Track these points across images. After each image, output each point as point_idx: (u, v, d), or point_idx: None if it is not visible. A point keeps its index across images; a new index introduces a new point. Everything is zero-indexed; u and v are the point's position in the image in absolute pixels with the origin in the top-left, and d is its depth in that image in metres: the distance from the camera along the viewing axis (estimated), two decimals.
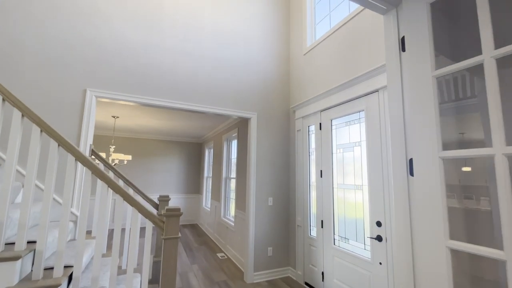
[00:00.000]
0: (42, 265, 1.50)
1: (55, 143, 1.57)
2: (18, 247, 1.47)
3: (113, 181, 1.63)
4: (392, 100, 1.06)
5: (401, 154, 1.00)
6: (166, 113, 4.26)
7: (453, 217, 0.89)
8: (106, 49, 2.57)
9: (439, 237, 0.84)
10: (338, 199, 2.55)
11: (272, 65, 3.48)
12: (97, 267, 1.54)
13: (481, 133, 0.97)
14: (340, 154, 2.56)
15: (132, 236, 1.66)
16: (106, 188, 1.62)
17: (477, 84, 1.01)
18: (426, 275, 0.86)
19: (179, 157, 6.60)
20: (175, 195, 6.43)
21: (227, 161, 4.78)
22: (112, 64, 2.59)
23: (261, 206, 3.16)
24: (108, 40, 2.59)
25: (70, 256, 1.87)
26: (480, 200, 0.98)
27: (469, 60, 0.80)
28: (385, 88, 2.10)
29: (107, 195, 1.63)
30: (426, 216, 0.89)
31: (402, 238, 0.98)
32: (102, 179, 1.60)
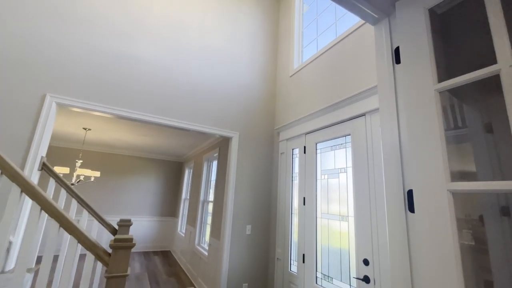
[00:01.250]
0: None
1: None
2: None
3: (48, 201, 1.32)
4: (385, 120, 0.89)
5: (397, 185, 0.81)
6: (145, 128, 3.99)
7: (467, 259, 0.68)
8: (76, 54, 2.36)
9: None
10: (321, 230, 2.31)
11: (257, 85, 3.38)
12: None
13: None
14: (325, 180, 2.37)
15: (66, 272, 1.32)
16: (38, 209, 1.31)
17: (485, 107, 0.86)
18: None
19: (156, 176, 6.19)
20: (148, 218, 5.91)
21: (206, 182, 4.47)
22: (83, 72, 2.36)
23: (238, 234, 2.85)
24: (81, 46, 2.39)
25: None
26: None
27: (482, 70, 0.65)
28: (372, 112, 1.99)
29: (38, 219, 1.31)
30: (432, 261, 0.67)
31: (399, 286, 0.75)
32: (33, 197, 1.29)
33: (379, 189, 1.81)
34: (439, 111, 0.72)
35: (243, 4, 3.53)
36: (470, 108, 0.89)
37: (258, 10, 3.65)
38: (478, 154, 0.84)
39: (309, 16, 3.31)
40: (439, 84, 0.73)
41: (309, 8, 3.35)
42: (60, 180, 2.18)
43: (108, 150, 5.73)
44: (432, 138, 0.72)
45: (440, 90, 0.73)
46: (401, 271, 0.76)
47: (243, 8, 3.51)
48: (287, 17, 3.59)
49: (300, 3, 3.48)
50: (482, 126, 0.86)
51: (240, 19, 3.44)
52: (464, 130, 0.87)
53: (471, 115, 0.88)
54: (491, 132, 0.83)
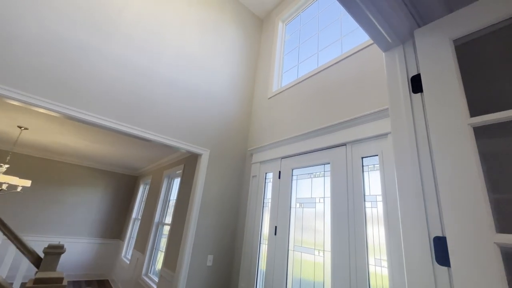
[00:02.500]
0: None
1: None
2: None
3: None
4: (402, 153, 0.80)
5: (420, 231, 0.70)
6: (101, 134, 3.48)
7: None
8: (24, 37, 1.95)
9: None
10: (294, 265, 2.12)
11: (234, 102, 3.24)
12: None
13: None
14: (300, 209, 2.24)
15: None
16: None
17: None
18: None
19: (104, 190, 5.41)
20: (86, 240, 5.02)
21: (163, 202, 4.00)
22: (29, 58, 1.94)
23: (197, 265, 2.49)
24: (32, 28, 2.00)
25: None
26: None
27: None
28: (353, 143, 1.97)
29: None
30: None
31: None
32: None
33: (359, 222, 1.74)
34: (475, 148, 0.64)
35: (226, 19, 3.48)
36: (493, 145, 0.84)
37: (240, 28, 3.64)
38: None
39: (290, 44, 3.38)
40: (473, 118, 0.66)
41: (291, 37, 3.44)
42: None
43: (46, 155, 4.87)
44: (468, 179, 0.63)
45: (474, 125, 0.66)
46: None
47: (226, 23, 3.45)
48: (269, 41, 3.63)
49: (282, 30, 3.57)
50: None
51: (222, 33, 3.36)
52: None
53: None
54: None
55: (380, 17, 0.81)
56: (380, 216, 1.66)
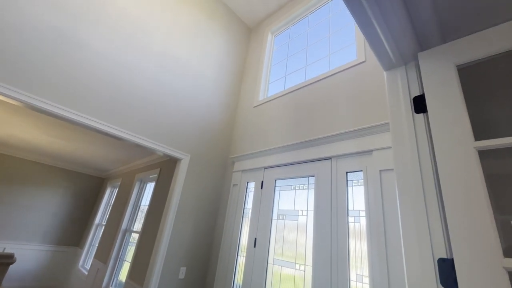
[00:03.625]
0: None
1: None
2: None
3: None
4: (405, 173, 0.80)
5: (425, 253, 0.69)
6: (69, 129, 3.17)
7: None
8: None
9: None
10: (273, 277, 2.06)
11: (218, 108, 3.17)
12: None
13: None
14: (282, 221, 2.20)
15: None
16: None
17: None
18: None
19: (65, 191, 4.92)
20: (39, 247, 4.48)
21: (133, 207, 3.72)
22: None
23: (168, 279, 2.32)
24: None
25: None
26: None
27: None
28: (339, 157, 2.00)
29: None
30: None
31: None
32: None
33: (342, 236, 1.74)
34: (481, 172, 0.65)
35: (216, 24, 3.44)
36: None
37: (229, 35, 3.62)
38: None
39: (278, 56, 3.43)
40: (478, 142, 0.68)
41: (278, 49, 3.49)
42: None
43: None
44: (476, 202, 0.63)
45: (479, 148, 0.68)
46: None
47: (215, 27, 3.41)
48: (257, 51, 3.65)
49: (271, 42, 3.61)
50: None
51: (210, 38, 3.31)
52: None
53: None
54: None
55: (390, 37, 0.83)
56: (363, 231, 1.68)
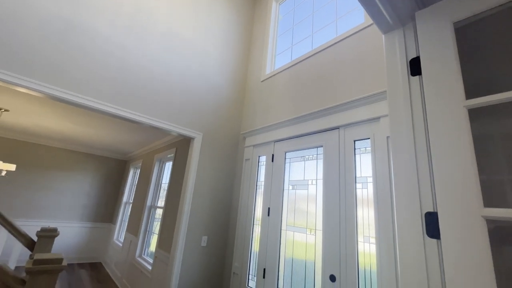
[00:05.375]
0: None
1: None
2: None
3: None
4: (398, 135, 0.82)
5: (413, 207, 0.74)
6: (87, 116, 3.36)
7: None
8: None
9: None
10: (286, 243, 2.21)
11: (226, 85, 3.18)
12: None
13: None
14: (293, 191, 2.30)
15: None
16: None
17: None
18: None
19: (93, 174, 5.32)
20: (77, 224, 4.99)
21: (155, 186, 3.99)
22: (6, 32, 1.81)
23: (192, 246, 2.55)
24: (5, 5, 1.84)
25: None
26: None
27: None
28: (346, 126, 2.01)
29: None
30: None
31: None
32: None
33: (350, 203, 1.81)
34: (469, 130, 0.67)
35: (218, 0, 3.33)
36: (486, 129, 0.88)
37: (233, 8, 3.50)
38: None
39: (284, 25, 3.30)
40: (468, 100, 0.69)
41: (284, 18, 3.35)
42: None
43: (30, 139, 4.68)
44: (461, 158, 0.66)
45: (469, 107, 0.69)
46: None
47: (218, 2, 3.31)
48: (262, 21, 3.52)
49: (276, 10, 3.46)
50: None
51: (214, 13, 3.23)
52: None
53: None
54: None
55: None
56: (370, 197, 1.74)
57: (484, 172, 0.69)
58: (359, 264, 1.68)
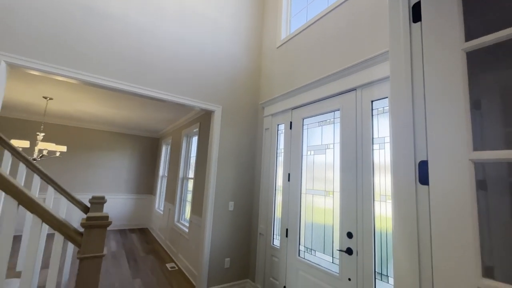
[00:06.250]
0: None
1: None
2: None
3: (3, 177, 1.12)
4: (397, 83, 0.81)
5: (408, 156, 0.75)
6: (116, 98, 3.63)
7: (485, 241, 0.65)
8: (31, 6, 1.97)
9: (468, 273, 0.59)
10: (306, 205, 2.32)
11: (242, 55, 3.16)
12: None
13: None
14: (311, 156, 2.34)
15: (31, 256, 1.16)
16: None
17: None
18: None
19: (131, 152, 5.85)
20: (123, 196, 5.66)
21: (185, 159, 4.29)
22: (39, 26, 1.99)
23: (220, 211, 2.79)
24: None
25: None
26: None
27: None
28: (363, 87, 1.93)
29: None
30: (446, 240, 0.64)
31: (404, 270, 0.72)
32: None
33: (366, 164, 1.81)
34: (465, 74, 0.65)
35: None
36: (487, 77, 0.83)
37: None
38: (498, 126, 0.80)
39: None
40: (467, 43, 0.65)
41: None
42: (17, 153, 1.91)
43: (75, 124, 5.23)
44: (456, 103, 0.65)
45: (467, 50, 0.65)
46: (408, 245, 0.73)
47: None
48: None
49: None
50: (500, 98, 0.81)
51: None
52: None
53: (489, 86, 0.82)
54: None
55: None
56: (387, 157, 1.72)
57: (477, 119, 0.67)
58: (375, 222, 1.73)
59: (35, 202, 1.17)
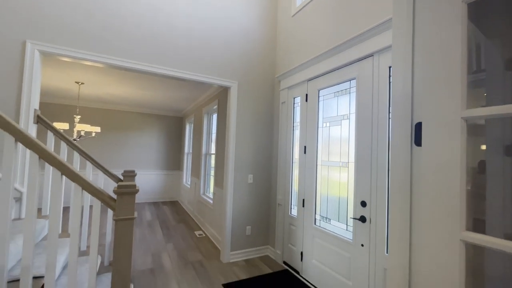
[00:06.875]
0: (4, 282, 1.23)
1: None
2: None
3: (45, 150, 1.31)
4: (398, 45, 0.78)
5: (405, 118, 0.75)
6: (140, 80, 3.81)
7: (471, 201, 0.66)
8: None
9: (452, 228, 0.61)
10: (321, 177, 2.36)
11: (256, 28, 3.08)
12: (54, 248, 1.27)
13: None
14: (326, 128, 2.33)
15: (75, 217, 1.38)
16: (36, 159, 1.30)
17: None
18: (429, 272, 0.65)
19: (158, 131, 6.20)
20: (154, 172, 6.13)
21: (207, 136, 4.47)
22: (66, 15, 2.12)
23: (240, 183, 2.94)
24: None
25: (40, 263, 1.60)
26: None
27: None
28: (381, 52, 1.83)
29: (37, 169, 1.32)
30: (434, 198, 0.66)
31: (397, 223, 0.76)
32: (30, 146, 1.28)
33: (382, 133, 1.78)
34: (464, 29, 0.62)
35: None
36: (491, 43, 0.77)
37: None
38: (494, 91, 0.76)
39: None
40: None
41: None
42: (58, 133, 2.16)
43: (106, 106, 5.62)
44: (452, 58, 0.63)
45: (468, 1, 0.61)
46: (401, 200, 0.76)
47: None
48: None
49: None
50: (503, 62, 0.76)
51: None
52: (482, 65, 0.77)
53: (491, 51, 0.77)
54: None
55: None
56: None
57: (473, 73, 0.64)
58: (389, 190, 1.73)
59: (74, 173, 1.35)
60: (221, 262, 2.81)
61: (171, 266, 2.69)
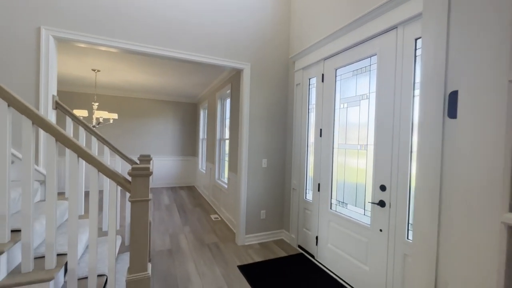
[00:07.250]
0: (31, 257, 1.32)
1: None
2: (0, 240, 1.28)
3: (63, 134, 1.33)
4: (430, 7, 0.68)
5: (437, 86, 0.66)
6: (154, 66, 3.81)
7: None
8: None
9: (492, 208, 0.54)
10: (338, 160, 2.27)
11: (269, 6, 2.93)
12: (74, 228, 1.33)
13: None
14: (344, 109, 2.21)
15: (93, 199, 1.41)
16: (53, 141, 1.33)
17: None
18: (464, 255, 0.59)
19: (173, 118, 6.27)
20: (170, 158, 6.26)
21: (221, 121, 4.45)
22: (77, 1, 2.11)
23: (254, 168, 2.92)
24: None
25: (65, 241, 1.69)
26: None
27: None
28: (406, 22, 1.66)
29: (55, 151, 1.35)
30: (470, 175, 0.58)
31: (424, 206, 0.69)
32: (47, 129, 1.30)
33: (405, 113, 1.65)
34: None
35: None
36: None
37: None
38: None
39: None
40: None
41: None
42: (76, 119, 2.21)
43: (122, 94, 5.72)
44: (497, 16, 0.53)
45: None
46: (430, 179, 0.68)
47: None
48: None
49: None
50: None
51: None
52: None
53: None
54: None
55: None
56: None
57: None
58: (411, 173, 1.63)
59: (90, 155, 1.37)
60: (236, 245, 2.86)
61: (188, 248, 2.77)
